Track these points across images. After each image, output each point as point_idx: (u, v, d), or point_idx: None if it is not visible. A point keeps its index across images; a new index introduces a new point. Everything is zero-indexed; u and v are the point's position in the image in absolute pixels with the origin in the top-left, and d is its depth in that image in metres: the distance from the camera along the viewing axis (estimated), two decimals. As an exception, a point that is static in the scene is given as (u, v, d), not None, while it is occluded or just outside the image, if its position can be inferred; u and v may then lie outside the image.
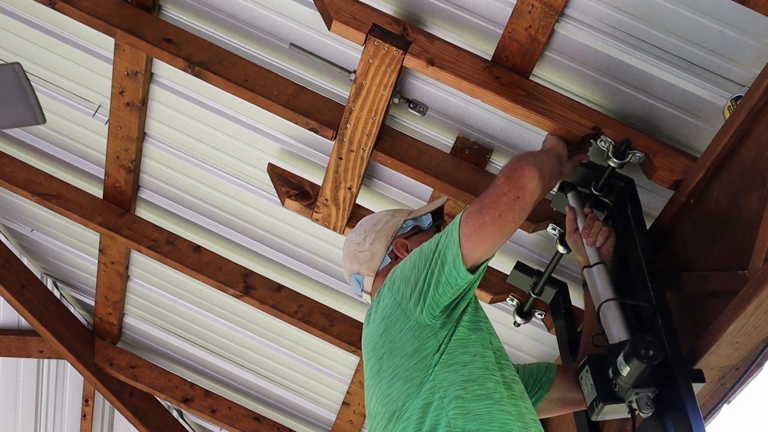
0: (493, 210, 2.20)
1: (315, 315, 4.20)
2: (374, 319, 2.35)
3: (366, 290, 2.55)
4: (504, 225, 2.22)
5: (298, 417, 5.13)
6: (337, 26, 2.88)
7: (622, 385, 2.37)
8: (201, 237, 4.22)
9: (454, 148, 3.22)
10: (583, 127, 2.80)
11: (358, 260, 2.55)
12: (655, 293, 2.56)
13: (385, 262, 2.51)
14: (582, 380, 2.51)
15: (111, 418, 5.80)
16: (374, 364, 2.31)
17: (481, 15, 2.85)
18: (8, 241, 4.98)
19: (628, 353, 2.32)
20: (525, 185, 2.23)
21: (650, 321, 2.52)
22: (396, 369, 2.23)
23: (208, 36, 3.36)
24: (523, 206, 2.23)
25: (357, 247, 2.55)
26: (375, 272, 2.52)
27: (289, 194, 3.57)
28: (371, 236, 2.54)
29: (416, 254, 2.32)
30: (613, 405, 2.41)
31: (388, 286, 2.33)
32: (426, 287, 2.23)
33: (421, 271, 2.25)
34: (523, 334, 3.71)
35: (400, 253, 2.50)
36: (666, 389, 2.37)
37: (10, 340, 5.25)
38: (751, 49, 2.56)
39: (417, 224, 2.56)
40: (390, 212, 2.63)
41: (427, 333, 2.23)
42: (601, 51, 2.75)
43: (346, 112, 3.09)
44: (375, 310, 2.37)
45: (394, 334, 2.26)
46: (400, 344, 2.25)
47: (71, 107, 3.94)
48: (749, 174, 2.47)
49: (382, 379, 2.26)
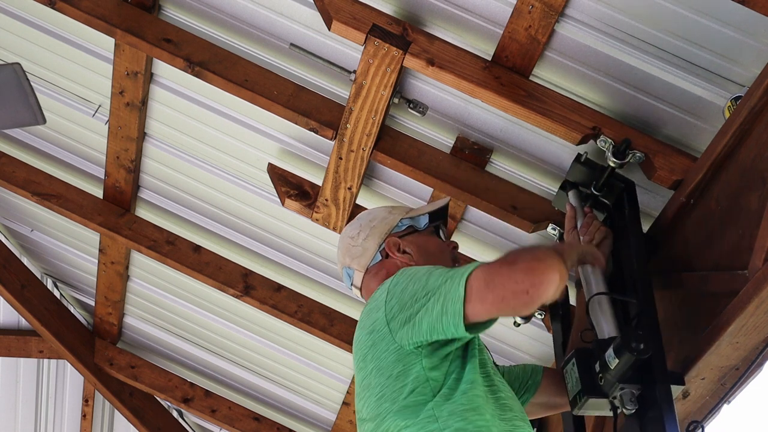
0: (499, 292, 2.09)
1: (315, 315, 4.20)
2: (365, 325, 2.30)
3: (355, 284, 2.53)
4: (503, 310, 2.12)
5: (298, 417, 5.13)
6: (337, 26, 2.88)
7: (608, 379, 2.39)
8: (201, 237, 4.22)
9: (454, 148, 3.22)
10: (583, 127, 2.80)
11: (350, 254, 2.52)
12: (643, 295, 2.57)
13: (375, 259, 2.49)
14: (567, 373, 2.52)
15: (111, 418, 5.80)
16: (365, 376, 2.27)
17: (481, 15, 2.85)
18: (8, 241, 4.98)
19: (619, 346, 2.34)
20: (539, 285, 2.08)
21: (636, 321, 2.53)
22: (383, 389, 2.20)
23: (208, 36, 3.36)
24: (527, 303, 2.09)
25: (351, 241, 2.53)
26: (365, 268, 2.50)
27: (289, 194, 3.57)
28: (365, 231, 2.52)
29: (418, 280, 2.21)
30: (596, 400, 2.44)
31: (385, 298, 2.25)
32: (418, 321, 2.16)
33: (415, 303, 2.18)
34: (523, 334, 3.71)
35: (391, 252, 2.47)
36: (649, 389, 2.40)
37: (10, 340, 5.26)
38: (751, 49, 2.56)
39: (413, 224, 2.53)
40: (389, 209, 2.60)
41: (412, 360, 2.18)
42: (601, 51, 2.75)
43: (346, 112, 3.09)
44: (367, 315, 2.32)
45: (380, 351, 2.23)
46: (386, 364, 2.21)
47: (71, 107, 3.94)
48: (749, 174, 2.47)
49: (371, 395, 2.23)
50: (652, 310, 2.55)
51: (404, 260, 2.44)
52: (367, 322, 2.30)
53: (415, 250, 2.46)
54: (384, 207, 2.64)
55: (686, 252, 2.70)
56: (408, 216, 2.54)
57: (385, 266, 2.47)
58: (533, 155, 3.13)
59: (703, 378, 2.55)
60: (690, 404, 2.63)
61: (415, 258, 2.44)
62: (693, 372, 2.52)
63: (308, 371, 4.72)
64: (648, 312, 2.54)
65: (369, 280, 2.49)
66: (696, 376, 2.54)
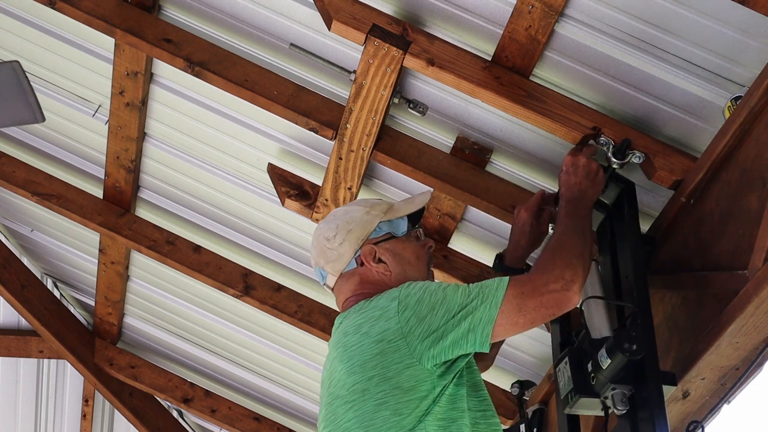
0: (530, 317, 2.25)
1: (315, 315, 4.20)
2: (367, 332, 2.28)
3: (328, 285, 2.52)
4: (527, 329, 2.28)
5: (298, 417, 5.13)
6: (337, 26, 2.88)
7: (600, 379, 2.39)
8: (201, 237, 4.22)
9: (454, 148, 3.22)
10: (583, 127, 2.80)
11: (325, 257, 2.50)
12: (639, 296, 2.57)
13: (350, 266, 2.46)
14: (559, 372, 2.53)
15: (111, 418, 5.80)
16: (359, 381, 2.24)
17: (481, 15, 2.85)
18: (8, 241, 4.98)
19: (611, 346, 2.34)
20: (565, 308, 2.29)
21: (631, 321, 2.53)
22: (386, 397, 2.19)
23: (208, 36, 3.36)
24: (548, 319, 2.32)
25: (326, 243, 2.50)
26: (339, 273, 2.48)
27: (289, 194, 3.57)
28: (342, 235, 2.48)
29: (433, 294, 2.25)
30: (587, 399, 2.44)
31: (396, 308, 2.25)
32: (440, 338, 2.20)
33: (438, 319, 2.21)
34: (523, 334, 3.71)
35: (366, 261, 2.45)
36: (640, 390, 2.40)
37: (10, 340, 5.26)
38: (751, 49, 2.56)
39: (390, 231, 2.49)
40: (366, 207, 2.54)
41: (425, 375, 2.20)
42: (601, 51, 2.75)
43: (346, 112, 3.09)
44: (369, 321, 2.29)
45: (390, 362, 2.21)
46: (395, 374, 2.20)
47: (71, 107, 3.94)
48: (749, 174, 2.47)
49: (367, 400, 2.21)
50: (647, 310, 2.55)
51: (379, 270, 2.44)
52: (370, 329, 2.27)
53: (391, 258, 2.45)
54: (362, 203, 2.59)
55: (686, 252, 2.70)
56: (386, 219, 2.50)
57: (358, 273, 2.46)
58: (533, 155, 3.13)
59: (703, 378, 2.55)
60: (690, 404, 2.63)
61: (391, 268, 2.44)
62: (693, 372, 2.52)
63: (308, 371, 4.72)
64: (642, 313, 2.53)
65: (342, 284, 2.48)
66: (696, 376, 2.54)
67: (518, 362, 3.86)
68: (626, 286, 2.62)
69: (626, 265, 2.65)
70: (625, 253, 2.67)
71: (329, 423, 2.29)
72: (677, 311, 2.70)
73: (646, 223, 2.92)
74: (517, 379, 3.50)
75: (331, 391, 2.32)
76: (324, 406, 2.35)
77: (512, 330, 2.24)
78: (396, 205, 2.57)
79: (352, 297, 2.45)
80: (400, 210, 2.54)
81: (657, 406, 2.37)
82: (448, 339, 2.20)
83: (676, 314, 2.70)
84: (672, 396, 2.55)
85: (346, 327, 2.36)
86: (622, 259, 2.69)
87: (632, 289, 2.59)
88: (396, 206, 2.56)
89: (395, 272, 2.44)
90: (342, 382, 2.29)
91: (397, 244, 2.48)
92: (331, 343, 2.42)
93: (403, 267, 2.45)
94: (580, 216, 2.52)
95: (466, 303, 2.23)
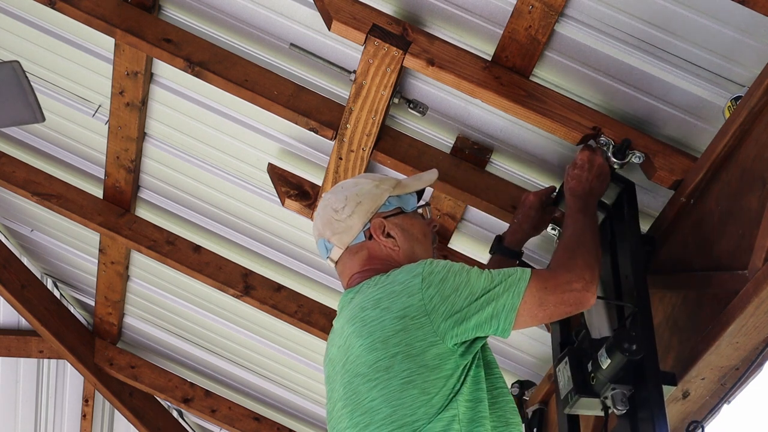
0: (549, 312, 2.29)
1: (315, 315, 4.20)
2: (387, 307, 2.24)
3: (332, 258, 2.47)
4: (542, 323, 2.34)
5: (298, 417, 5.13)
6: (337, 26, 2.88)
7: (600, 379, 2.40)
8: (201, 237, 4.22)
9: (454, 148, 3.22)
10: (583, 127, 2.80)
11: (332, 228, 2.45)
12: (639, 295, 2.57)
13: (358, 239, 2.42)
14: (559, 372, 2.52)
15: (111, 418, 5.80)
16: (382, 358, 2.20)
17: (481, 15, 2.85)
18: (8, 241, 4.98)
19: (611, 346, 2.35)
20: (583, 306, 2.33)
21: (631, 321, 2.53)
22: (412, 375, 2.17)
23: (208, 36, 3.36)
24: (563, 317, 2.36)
25: (334, 214, 2.45)
26: (346, 246, 2.44)
27: (289, 194, 3.57)
28: (351, 206, 2.43)
29: (458, 275, 2.25)
30: (587, 399, 2.44)
31: (420, 285, 2.22)
32: (463, 319, 2.20)
33: (462, 300, 2.21)
34: (523, 334, 3.71)
35: (376, 235, 2.41)
36: (640, 390, 2.40)
37: (10, 340, 5.26)
38: (751, 49, 2.56)
39: (400, 205, 2.46)
40: (375, 181, 2.50)
41: (448, 354, 2.19)
42: (601, 51, 2.75)
43: (346, 112, 3.09)
44: (389, 296, 2.25)
45: (414, 339, 2.19)
46: (419, 352, 2.18)
47: (71, 107, 3.94)
48: (749, 174, 2.47)
49: (392, 378, 2.17)
50: (646, 310, 2.55)
51: (388, 245, 2.41)
52: (391, 304, 2.23)
53: (400, 234, 2.42)
54: (370, 177, 2.56)
55: (686, 252, 2.70)
56: (395, 194, 2.48)
57: (366, 247, 2.42)
58: (533, 155, 3.13)
59: (703, 378, 2.55)
60: (690, 404, 2.63)
61: (399, 243, 2.41)
62: (693, 372, 2.52)
63: (308, 371, 4.72)
64: (642, 313, 2.54)
65: (348, 258, 2.44)
66: (696, 376, 2.54)
67: (518, 362, 3.86)
68: (626, 286, 2.63)
69: (626, 265, 2.65)
70: (625, 253, 2.67)
71: (350, 402, 2.24)
72: (677, 311, 2.70)
73: (646, 223, 2.92)
74: (517, 379, 3.51)
75: (348, 368, 2.27)
76: (341, 384, 2.29)
77: (531, 321, 2.26)
78: (404, 181, 2.54)
79: (361, 272, 2.41)
80: (409, 186, 2.52)
81: (657, 406, 2.37)
82: (471, 321, 2.20)
83: (676, 314, 2.71)
84: (672, 396, 2.55)
85: (362, 301, 2.30)
86: (622, 259, 2.69)
87: (632, 289, 2.59)
88: (404, 182, 2.53)
89: (404, 248, 2.41)
90: (363, 359, 2.24)
91: (405, 220, 2.45)
92: (344, 318, 2.36)
93: (411, 243, 2.42)
94: (591, 214, 2.55)
95: (489, 288, 2.24)
